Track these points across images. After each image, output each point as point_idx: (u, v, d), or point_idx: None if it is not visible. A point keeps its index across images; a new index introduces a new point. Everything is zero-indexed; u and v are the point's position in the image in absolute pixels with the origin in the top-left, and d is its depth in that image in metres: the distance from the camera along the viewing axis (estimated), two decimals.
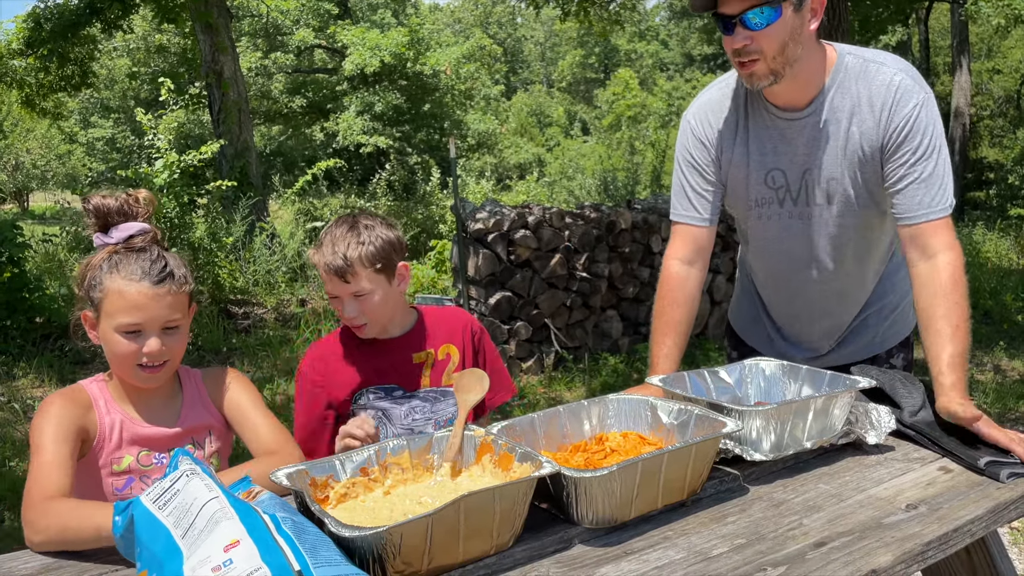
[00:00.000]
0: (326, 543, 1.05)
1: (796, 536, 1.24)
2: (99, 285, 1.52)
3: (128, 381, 1.58)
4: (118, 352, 1.53)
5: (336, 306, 1.75)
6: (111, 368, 1.60)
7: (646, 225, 6.29)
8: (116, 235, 1.57)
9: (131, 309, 1.50)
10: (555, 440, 1.51)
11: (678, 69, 39.86)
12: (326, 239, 1.72)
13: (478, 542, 1.17)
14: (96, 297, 1.52)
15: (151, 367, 1.55)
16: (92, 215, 1.57)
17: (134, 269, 1.52)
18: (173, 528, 1.05)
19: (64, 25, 10.36)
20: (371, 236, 1.71)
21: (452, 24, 39.65)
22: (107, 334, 1.53)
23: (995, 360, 6.14)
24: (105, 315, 1.52)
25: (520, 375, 5.75)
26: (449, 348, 1.84)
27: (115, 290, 1.51)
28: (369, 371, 1.78)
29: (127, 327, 1.51)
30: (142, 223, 1.58)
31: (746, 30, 1.71)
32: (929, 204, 1.75)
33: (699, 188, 1.97)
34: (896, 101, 1.77)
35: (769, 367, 1.78)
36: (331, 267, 1.68)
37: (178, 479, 1.11)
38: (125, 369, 1.55)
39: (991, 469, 1.44)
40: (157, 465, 1.58)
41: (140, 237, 1.57)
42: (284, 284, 8.31)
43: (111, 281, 1.51)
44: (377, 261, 1.70)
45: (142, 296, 1.51)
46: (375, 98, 17.22)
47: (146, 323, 1.52)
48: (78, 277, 1.58)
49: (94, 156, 25.64)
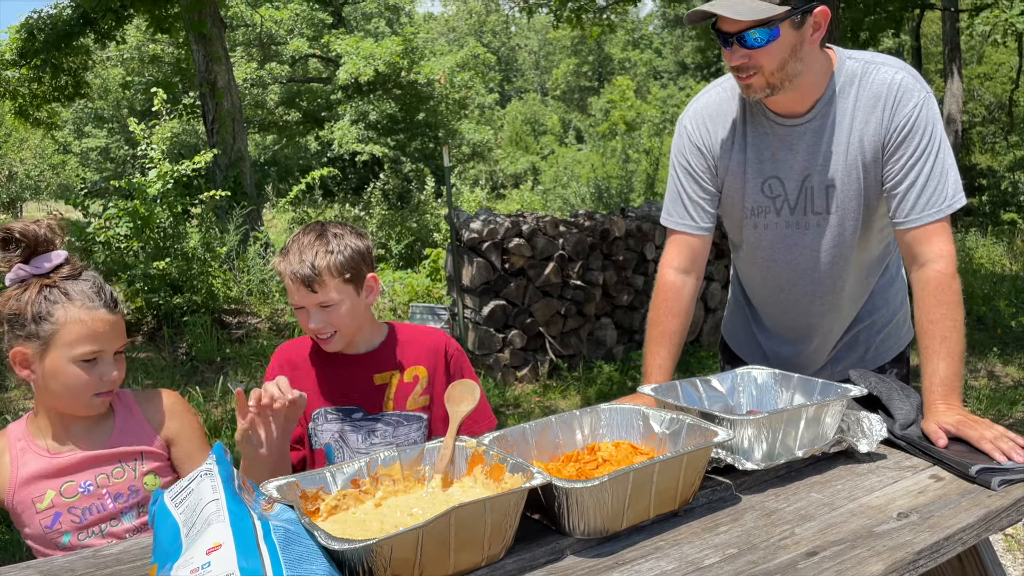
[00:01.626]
0: (316, 556, 1.05)
1: (788, 545, 1.24)
2: (50, 317, 1.46)
3: (77, 412, 1.54)
4: (74, 384, 1.49)
5: (301, 317, 1.68)
6: (51, 402, 1.54)
7: (640, 233, 6.30)
8: (46, 264, 1.51)
9: (92, 337, 1.47)
10: (547, 450, 1.51)
11: (672, 77, 39.99)
12: (293, 247, 1.66)
13: (469, 554, 1.17)
14: (45, 331, 1.46)
15: (106, 393, 1.53)
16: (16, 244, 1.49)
17: (88, 297, 1.49)
18: (183, 526, 1.08)
19: (57, 35, 10.37)
20: (340, 245, 1.66)
21: (446, 33, 39.74)
22: (59, 366, 1.48)
23: (989, 366, 6.15)
24: (60, 346, 1.47)
25: (515, 384, 5.74)
26: (418, 370, 1.76)
27: (74, 319, 1.46)
28: (329, 388, 1.72)
29: (87, 355, 1.48)
30: (64, 251, 1.54)
31: (743, 48, 1.69)
32: (924, 208, 1.74)
33: (695, 196, 1.95)
34: (897, 100, 1.76)
35: (761, 376, 1.78)
36: (298, 276, 1.62)
37: (195, 478, 1.15)
38: (80, 399, 1.51)
39: (982, 477, 1.44)
40: (84, 494, 1.54)
41: (68, 266, 1.53)
42: (278, 293, 8.30)
43: (65, 311, 1.47)
44: (346, 271, 1.64)
45: (101, 323, 1.48)
46: (369, 107, 17.24)
47: (106, 350, 1.50)
48: (8, 312, 1.49)
49: (88, 166, 25.60)
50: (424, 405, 1.76)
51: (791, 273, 1.96)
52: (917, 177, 1.75)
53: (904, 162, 1.76)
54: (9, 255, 1.50)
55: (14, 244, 1.49)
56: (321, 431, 1.71)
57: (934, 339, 1.69)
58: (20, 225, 1.49)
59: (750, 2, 1.63)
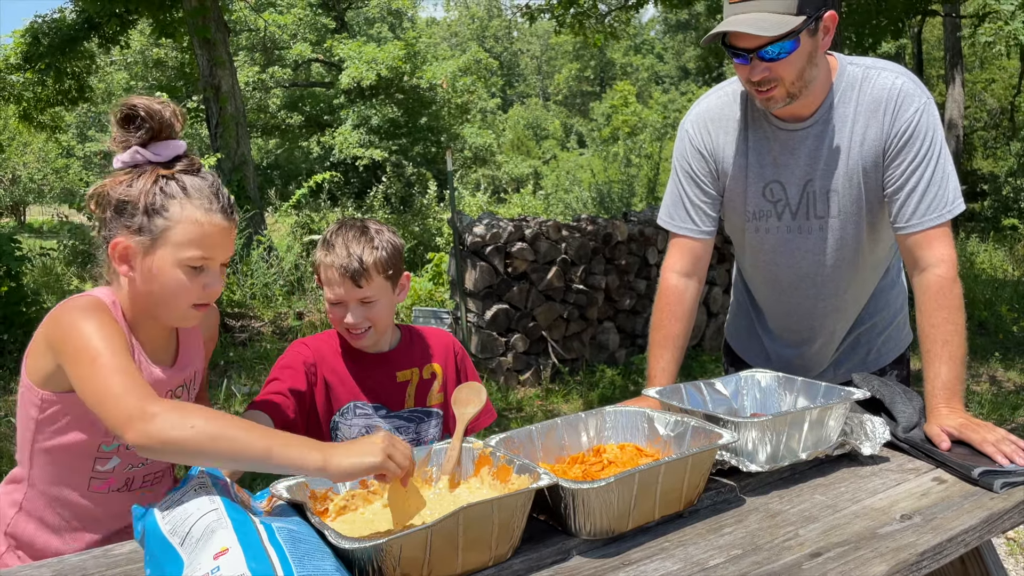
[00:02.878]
0: (322, 553, 1.07)
1: (792, 547, 1.25)
2: (164, 212, 1.32)
3: (169, 321, 1.41)
4: (175, 289, 1.34)
5: (336, 312, 1.67)
6: (144, 305, 1.38)
7: (642, 237, 6.31)
8: (163, 153, 1.35)
9: (204, 242, 1.33)
10: (553, 452, 1.52)
11: (673, 82, 40.05)
12: (336, 240, 1.65)
13: (476, 554, 1.18)
14: (157, 226, 1.32)
15: (204, 305, 1.39)
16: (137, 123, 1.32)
17: (208, 197, 1.34)
18: (170, 536, 1.08)
19: (62, 40, 10.41)
20: (383, 241, 1.67)
21: (449, 38, 39.84)
22: (163, 268, 1.33)
23: (991, 371, 6.15)
24: (168, 246, 1.32)
25: (517, 388, 5.75)
26: (434, 367, 1.79)
27: (190, 219, 1.32)
28: (357, 383, 1.73)
29: (195, 260, 1.34)
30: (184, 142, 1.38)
31: (763, 62, 1.68)
32: (925, 212, 1.75)
33: (697, 200, 1.96)
34: (898, 105, 1.77)
35: (765, 379, 1.79)
36: (348, 270, 1.62)
37: (187, 492, 1.15)
38: (177, 307, 1.37)
39: (985, 479, 1.45)
40: None
41: (187, 159, 1.37)
42: (281, 297, 8.31)
43: (183, 208, 1.32)
44: (388, 267, 1.67)
45: (217, 229, 1.35)
46: (372, 111, 17.29)
47: (215, 258, 1.36)
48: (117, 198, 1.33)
49: (91, 170, 25.64)
50: (441, 402, 1.79)
51: (793, 277, 1.97)
52: (918, 182, 1.76)
53: (905, 167, 1.77)
54: (128, 135, 1.34)
55: (136, 123, 1.33)
56: (350, 424, 1.73)
57: (936, 343, 1.70)
58: (145, 102, 1.33)
59: (771, 16, 1.63)
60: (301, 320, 7.60)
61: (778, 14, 1.63)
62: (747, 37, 1.66)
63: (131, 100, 1.33)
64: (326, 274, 1.66)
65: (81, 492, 1.44)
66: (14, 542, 1.45)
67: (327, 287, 1.67)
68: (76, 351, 1.25)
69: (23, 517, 1.45)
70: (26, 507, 1.44)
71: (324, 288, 1.69)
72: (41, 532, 1.45)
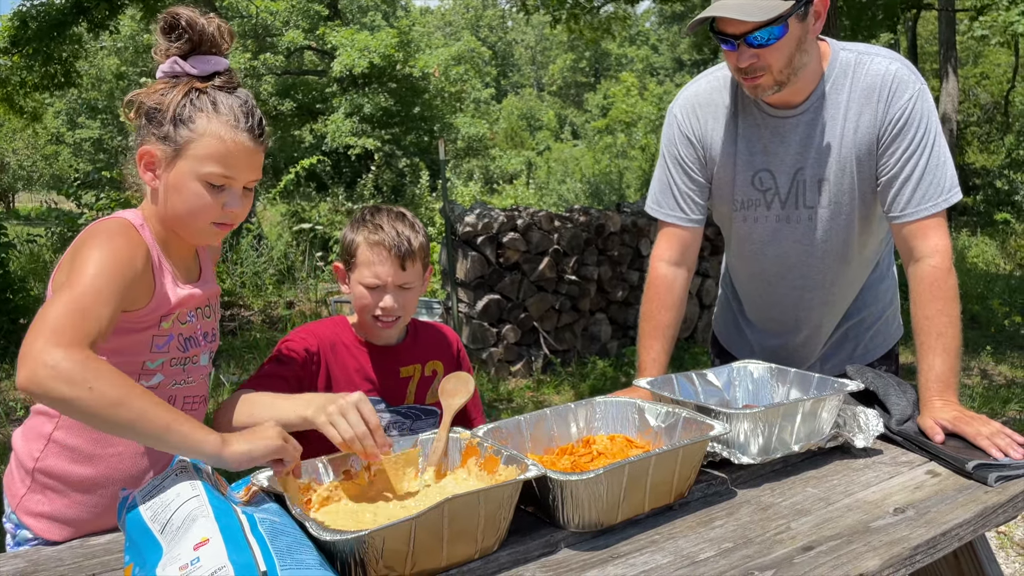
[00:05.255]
0: (304, 547, 1.04)
1: (784, 540, 1.23)
2: (190, 123, 1.31)
3: (190, 236, 1.40)
4: (194, 204, 1.33)
5: (373, 297, 1.61)
6: (167, 217, 1.37)
7: (635, 228, 6.29)
8: (200, 67, 1.34)
9: (225, 159, 1.32)
10: (542, 443, 1.50)
11: (668, 74, 39.98)
12: (382, 221, 1.62)
13: (462, 546, 1.15)
14: (182, 136, 1.31)
15: (225, 225, 1.38)
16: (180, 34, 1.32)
17: (236, 115, 1.33)
18: (151, 522, 1.06)
19: (50, 24, 10.28)
20: (419, 227, 1.65)
21: (443, 27, 39.64)
22: (183, 180, 1.32)
23: (982, 365, 6.17)
24: (190, 158, 1.31)
25: (508, 378, 5.73)
26: (436, 364, 1.76)
27: (214, 134, 1.31)
28: (357, 375, 1.69)
29: (215, 178, 1.32)
30: (226, 60, 1.36)
31: (751, 48, 1.65)
32: (920, 201, 1.73)
33: (685, 187, 1.93)
34: (892, 92, 1.74)
35: (757, 370, 1.77)
36: (400, 250, 1.58)
37: (168, 476, 1.13)
38: (197, 223, 1.36)
39: (979, 472, 1.43)
40: (190, 323, 1.42)
41: (227, 75, 1.36)
42: (271, 286, 8.27)
43: (209, 122, 1.31)
44: (426, 255, 1.66)
45: (241, 148, 1.33)
46: (364, 100, 17.18)
47: (237, 179, 1.35)
48: (144, 105, 1.34)
49: (81, 157, 25.46)
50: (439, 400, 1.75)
51: (780, 267, 1.95)
52: (913, 170, 1.73)
53: (900, 155, 1.74)
54: (170, 44, 1.33)
55: (178, 33, 1.32)
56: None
57: (930, 335, 1.68)
58: (189, 13, 1.32)
59: (760, 1, 1.60)
60: (291, 309, 7.55)
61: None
62: (734, 22, 1.63)
63: (176, 9, 1.32)
64: (370, 254, 1.60)
65: None
66: (45, 479, 1.40)
67: (367, 267, 1.61)
68: (72, 272, 1.24)
69: (54, 449, 1.40)
70: (57, 437, 1.39)
71: (359, 270, 1.62)
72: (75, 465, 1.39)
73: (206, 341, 1.48)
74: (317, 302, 7.46)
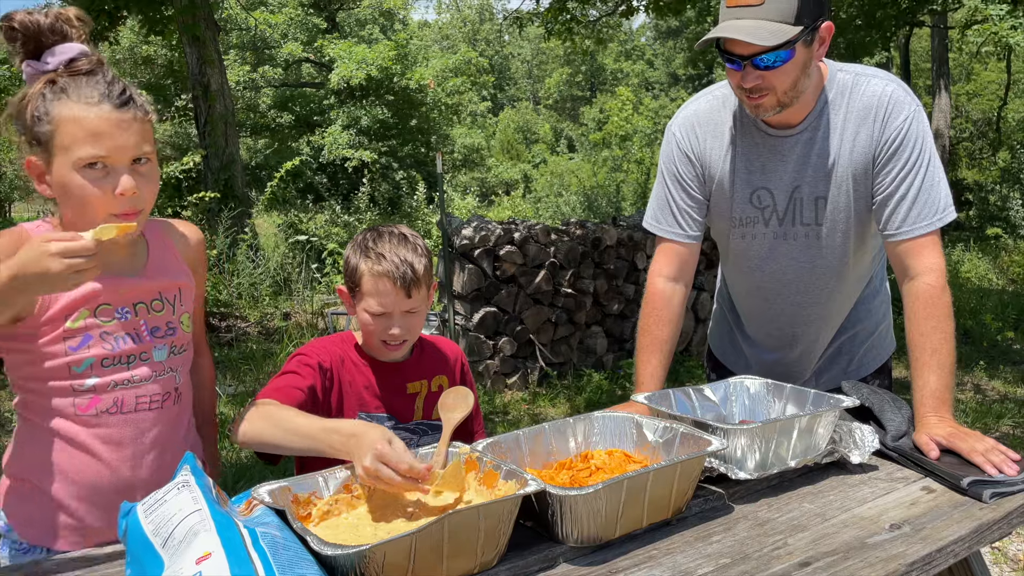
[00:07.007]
0: (305, 561, 1.04)
1: (781, 556, 1.24)
2: (46, 116, 1.26)
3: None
4: (83, 195, 1.27)
5: (380, 324, 1.58)
6: (69, 220, 1.32)
7: (631, 242, 6.31)
8: (53, 60, 1.30)
9: (93, 137, 1.26)
10: (540, 457, 1.50)
11: (663, 88, 40.19)
12: (384, 248, 1.57)
13: (462, 561, 1.16)
14: (44, 132, 1.26)
15: (128, 214, 1.30)
16: (17, 37, 1.28)
17: (89, 92, 1.27)
18: (152, 536, 1.06)
19: None
20: (421, 248, 1.60)
21: (440, 41, 39.83)
22: (65, 176, 1.27)
23: (975, 380, 6.19)
24: (60, 150, 1.26)
25: (504, 391, 5.73)
26: (442, 380, 1.75)
27: (69, 118, 1.26)
28: (366, 393, 1.67)
29: (88, 159, 1.26)
30: (80, 45, 1.32)
31: (757, 70, 1.67)
32: (915, 220, 1.75)
33: (684, 204, 1.95)
34: (888, 112, 1.76)
35: (754, 385, 1.78)
36: (404, 279, 1.54)
37: (171, 490, 1.13)
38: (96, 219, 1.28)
39: (974, 489, 1.45)
40: (120, 320, 1.36)
41: (84, 59, 1.31)
42: (268, 298, 8.26)
43: (62, 108, 1.26)
44: (430, 276, 1.62)
45: (103, 121, 1.26)
46: (361, 112, 17.24)
47: (112, 154, 1.27)
48: (12, 115, 1.30)
49: None
50: None
51: (777, 284, 1.97)
52: (908, 189, 1.76)
53: (895, 174, 1.77)
54: (16, 50, 1.30)
55: (16, 38, 1.28)
56: None
57: (924, 351, 1.69)
58: (21, 15, 1.28)
59: (769, 25, 1.62)
60: (288, 321, 7.55)
61: (775, 23, 1.62)
62: (743, 44, 1.64)
63: (10, 13, 1.29)
64: (375, 284, 1.56)
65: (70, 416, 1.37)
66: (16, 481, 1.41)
67: (373, 298, 1.57)
68: None
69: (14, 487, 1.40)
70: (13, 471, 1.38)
71: (365, 299, 1.59)
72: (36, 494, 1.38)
73: (155, 336, 1.42)
74: (313, 313, 7.45)
